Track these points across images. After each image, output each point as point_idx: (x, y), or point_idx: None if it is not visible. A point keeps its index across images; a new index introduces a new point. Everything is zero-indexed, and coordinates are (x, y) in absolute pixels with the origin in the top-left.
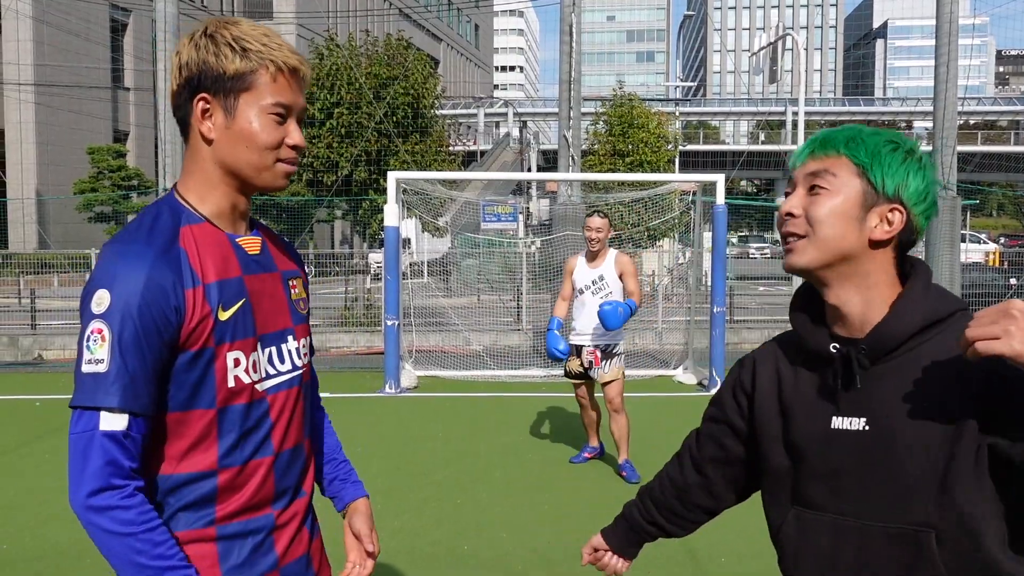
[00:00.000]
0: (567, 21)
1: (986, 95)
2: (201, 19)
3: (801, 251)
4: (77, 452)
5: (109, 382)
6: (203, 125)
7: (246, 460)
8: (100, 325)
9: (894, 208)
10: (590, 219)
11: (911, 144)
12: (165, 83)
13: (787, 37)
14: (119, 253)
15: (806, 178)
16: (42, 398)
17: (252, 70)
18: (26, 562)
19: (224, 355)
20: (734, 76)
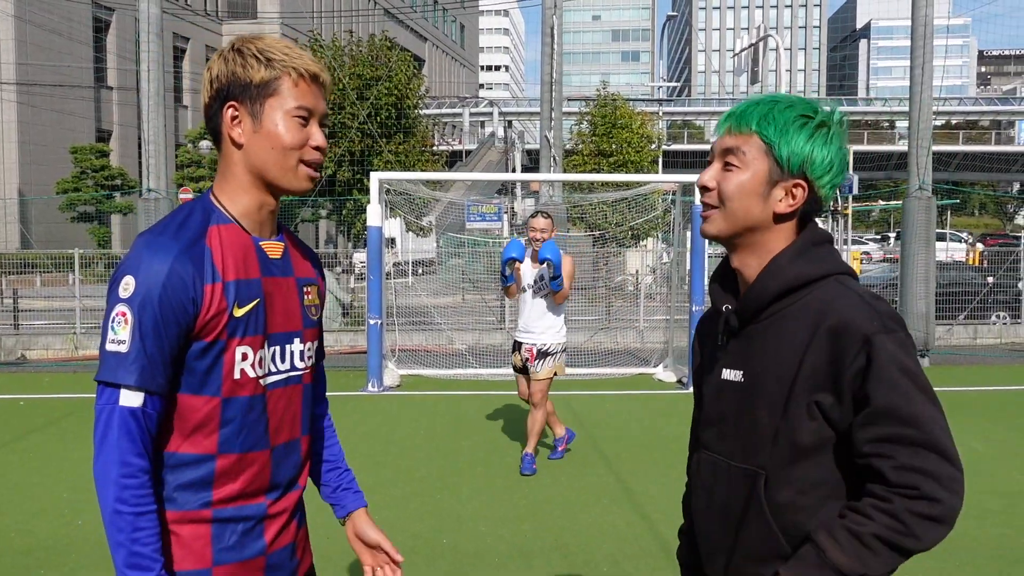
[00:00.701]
0: (548, 23)
1: (967, 95)
2: (184, 18)
3: (713, 221)
4: (100, 423)
5: (129, 361)
6: (233, 131)
7: (244, 450)
8: (124, 308)
9: (797, 183)
10: (534, 219)
11: (824, 116)
12: (148, 83)
13: (768, 38)
14: (148, 244)
15: (721, 153)
16: (25, 397)
17: (276, 77)
18: (13, 556)
19: (234, 348)
20: (718, 76)
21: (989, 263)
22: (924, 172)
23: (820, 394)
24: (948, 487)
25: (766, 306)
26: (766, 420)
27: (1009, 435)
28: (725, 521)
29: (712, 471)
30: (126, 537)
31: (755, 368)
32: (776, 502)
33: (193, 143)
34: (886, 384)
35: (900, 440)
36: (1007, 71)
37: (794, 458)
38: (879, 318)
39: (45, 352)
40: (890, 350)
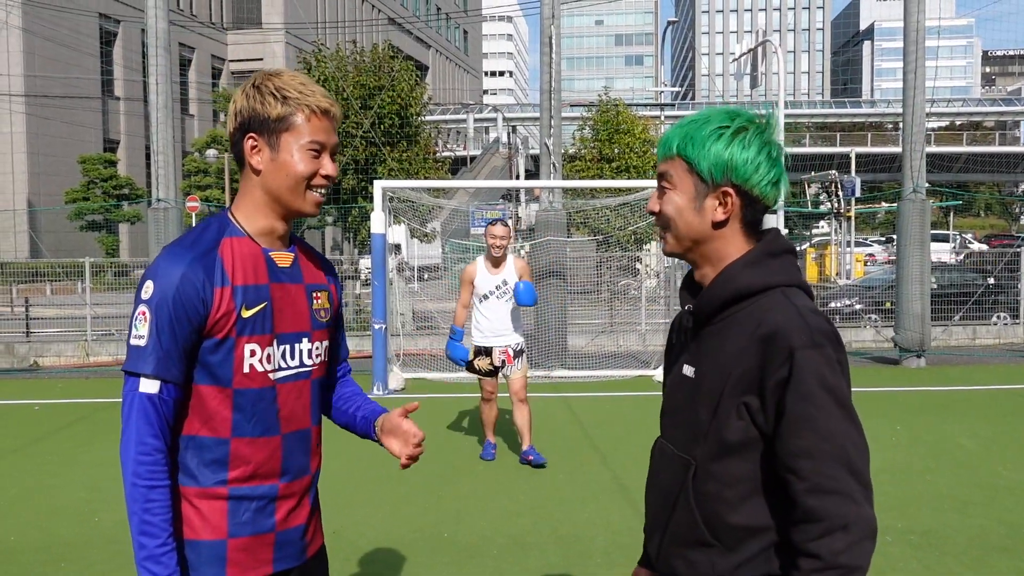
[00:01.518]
0: (547, 33)
1: (971, 96)
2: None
3: (666, 241)
4: (124, 407)
5: (147, 354)
6: (252, 159)
7: (256, 435)
8: (144, 308)
9: (725, 191)
10: (493, 227)
11: (745, 120)
12: (157, 96)
13: (769, 42)
14: (167, 254)
15: (657, 179)
16: (40, 403)
17: (291, 113)
18: (33, 552)
19: (243, 345)
20: (721, 79)
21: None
22: (918, 175)
23: (748, 396)
24: (855, 499)
25: (716, 311)
26: (703, 415)
27: (996, 431)
28: (664, 503)
29: (661, 456)
30: (139, 507)
31: (703, 366)
32: (701, 492)
33: (199, 152)
34: (804, 397)
35: (811, 454)
36: (1012, 71)
37: (721, 453)
38: (809, 332)
39: (57, 359)
40: (813, 365)
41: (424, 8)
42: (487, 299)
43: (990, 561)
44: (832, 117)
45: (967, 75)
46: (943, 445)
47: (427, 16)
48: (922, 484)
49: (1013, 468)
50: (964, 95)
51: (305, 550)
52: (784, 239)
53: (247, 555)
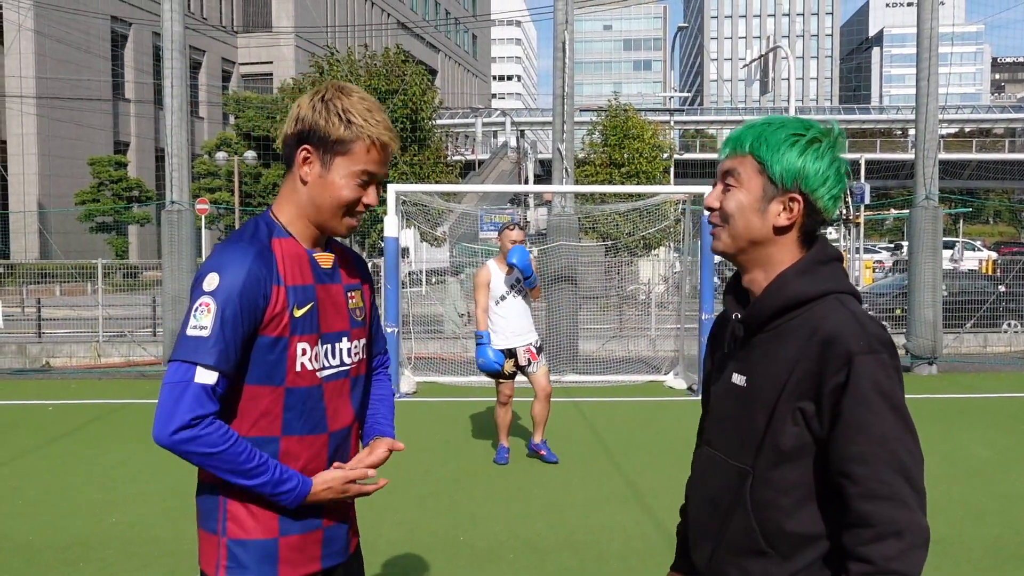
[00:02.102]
0: (560, 38)
1: (981, 103)
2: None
3: (720, 237)
4: (171, 396)
5: (210, 345)
6: (302, 169)
7: (304, 433)
8: (208, 300)
9: (793, 197)
10: (511, 231)
11: (817, 132)
12: (172, 99)
13: (778, 48)
14: (232, 248)
15: (722, 175)
16: (53, 403)
17: (352, 139)
18: (52, 551)
19: (296, 344)
20: (730, 85)
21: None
22: (930, 182)
23: (804, 402)
24: (908, 505)
25: (769, 320)
26: (759, 423)
27: (1010, 440)
28: (714, 512)
29: (709, 464)
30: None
31: (756, 375)
32: (758, 500)
33: (209, 154)
34: (860, 402)
35: (866, 459)
36: (1021, 78)
37: (777, 460)
38: (867, 338)
39: (69, 360)
40: (870, 370)
41: (434, 12)
42: (504, 300)
43: (1006, 569)
44: (841, 123)
45: (977, 82)
46: (957, 453)
47: (436, 20)
48: (936, 492)
49: None
50: (974, 102)
51: (348, 546)
52: (832, 246)
53: (298, 553)
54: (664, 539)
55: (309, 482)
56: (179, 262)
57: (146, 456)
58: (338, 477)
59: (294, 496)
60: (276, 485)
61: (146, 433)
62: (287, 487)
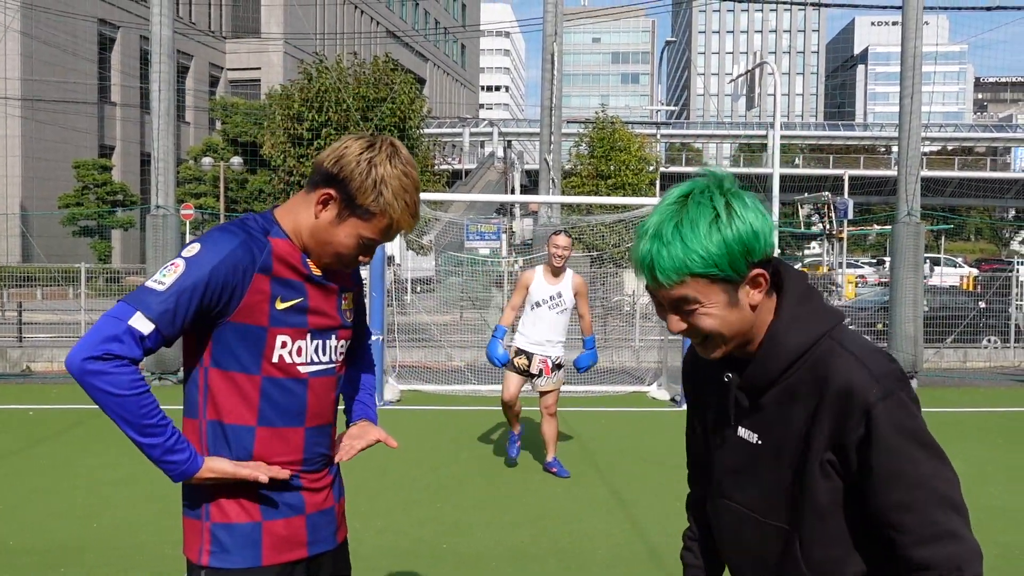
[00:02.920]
0: (548, 50)
1: (963, 122)
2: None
3: (715, 351)
4: (99, 327)
5: (160, 299)
6: (317, 206)
7: (281, 425)
8: (179, 262)
9: (755, 275)
10: (556, 237)
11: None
12: (159, 103)
13: (764, 64)
14: (222, 228)
15: (670, 304)
16: (34, 408)
17: (375, 212)
18: (34, 555)
19: (275, 336)
20: (717, 99)
21: (982, 288)
22: (912, 199)
23: (828, 453)
24: (961, 536)
25: (773, 382)
26: (786, 482)
27: (990, 454)
28: (760, 569)
29: (738, 521)
30: (134, 416)
31: (771, 434)
32: (814, 559)
33: (195, 160)
34: (889, 452)
35: (910, 507)
36: (1003, 98)
37: (819, 516)
38: (877, 382)
39: (50, 364)
40: (890, 416)
41: (423, 22)
42: (539, 307)
43: None
44: (825, 139)
45: (959, 101)
46: None
47: (425, 29)
48: None
49: (1005, 491)
50: (956, 120)
51: (336, 534)
52: (794, 271)
53: (282, 538)
54: (648, 548)
55: (200, 462)
56: None
57: (129, 461)
58: (227, 471)
59: (180, 471)
60: (166, 452)
61: None
62: (176, 458)
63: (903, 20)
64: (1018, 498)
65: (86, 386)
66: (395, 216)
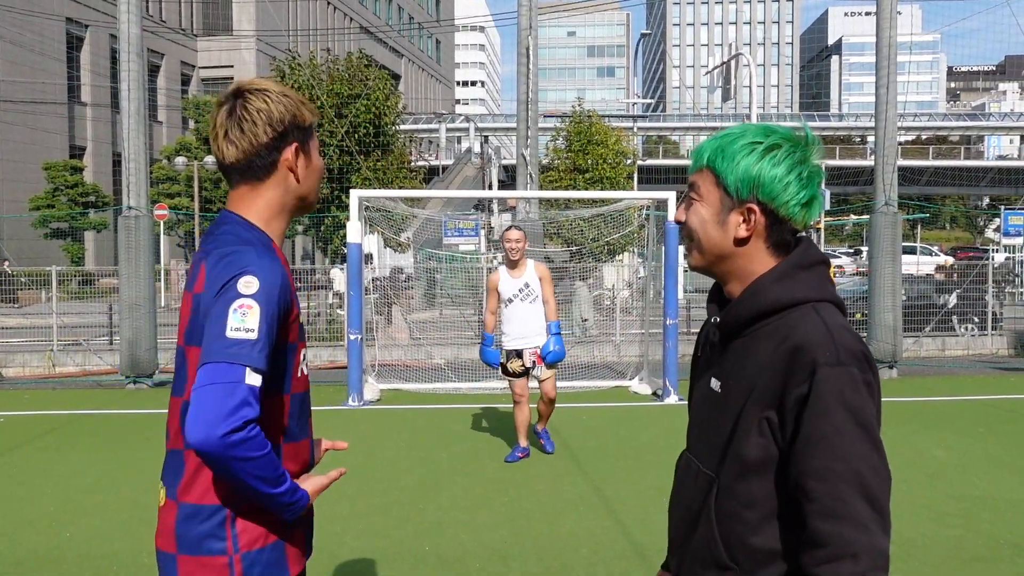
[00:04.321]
0: (524, 44)
1: (937, 111)
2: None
3: (691, 254)
4: (220, 397)
5: (259, 348)
6: (297, 167)
7: (300, 439)
8: (250, 302)
9: (750, 208)
10: (508, 232)
11: (780, 138)
12: (129, 102)
13: (741, 55)
14: (251, 250)
15: (687, 190)
16: (5, 414)
17: (314, 119)
18: (6, 566)
19: (300, 350)
20: (693, 92)
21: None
22: (890, 188)
23: (769, 411)
24: (867, 527)
25: (743, 326)
26: (725, 430)
27: (970, 443)
28: (686, 520)
29: (686, 470)
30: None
31: (729, 381)
32: (723, 511)
33: (168, 159)
34: (822, 415)
35: (825, 475)
36: (976, 87)
37: (742, 471)
38: (835, 350)
39: (22, 369)
40: (834, 383)
41: (397, 17)
42: (512, 303)
43: (968, 572)
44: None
45: (933, 90)
46: (917, 457)
47: (400, 25)
48: (898, 495)
49: (987, 479)
50: (930, 109)
51: (311, 537)
52: (816, 250)
53: (298, 547)
54: (631, 546)
55: (304, 488)
56: (136, 269)
57: (103, 468)
58: (322, 484)
59: (302, 505)
60: (293, 492)
61: (104, 444)
62: (300, 495)
63: (878, 10)
64: (1001, 487)
65: (229, 459)
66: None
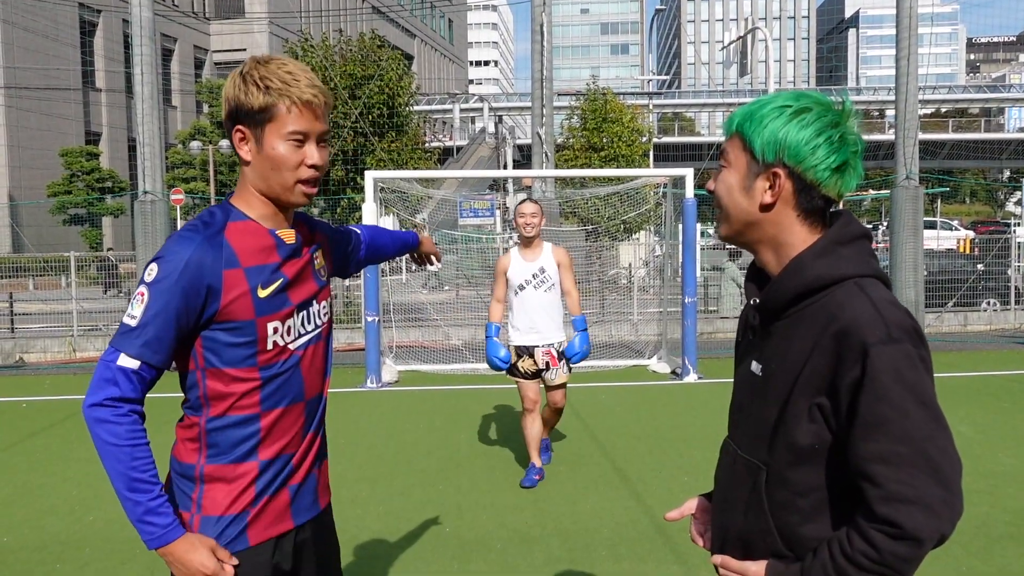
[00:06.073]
0: (538, 21)
1: (957, 83)
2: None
3: (720, 223)
4: (96, 372)
5: (134, 336)
6: (241, 150)
7: (284, 406)
8: (143, 289)
9: (775, 172)
10: (522, 206)
11: (812, 102)
12: (142, 87)
13: (757, 30)
14: (176, 237)
15: (720, 157)
16: (27, 400)
17: (273, 104)
18: (28, 551)
19: (265, 325)
20: (708, 68)
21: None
22: (911, 162)
23: (820, 398)
24: (937, 512)
25: (785, 306)
26: (771, 417)
27: (996, 419)
28: (731, 508)
29: (726, 456)
30: (125, 467)
31: (771, 365)
32: (776, 500)
33: (183, 144)
34: (879, 397)
35: (889, 459)
36: (996, 58)
37: (795, 459)
38: (885, 327)
39: (43, 355)
40: (888, 361)
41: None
42: (523, 290)
43: (996, 550)
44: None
45: (952, 62)
46: None
47: (412, 5)
48: None
49: (1013, 455)
50: (950, 82)
51: (318, 501)
52: (857, 224)
53: (266, 517)
54: (653, 526)
55: (175, 537)
56: (153, 253)
57: None
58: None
59: (153, 538)
60: (146, 513)
61: None
62: (155, 522)
63: None
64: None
65: (93, 433)
66: (292, 94)
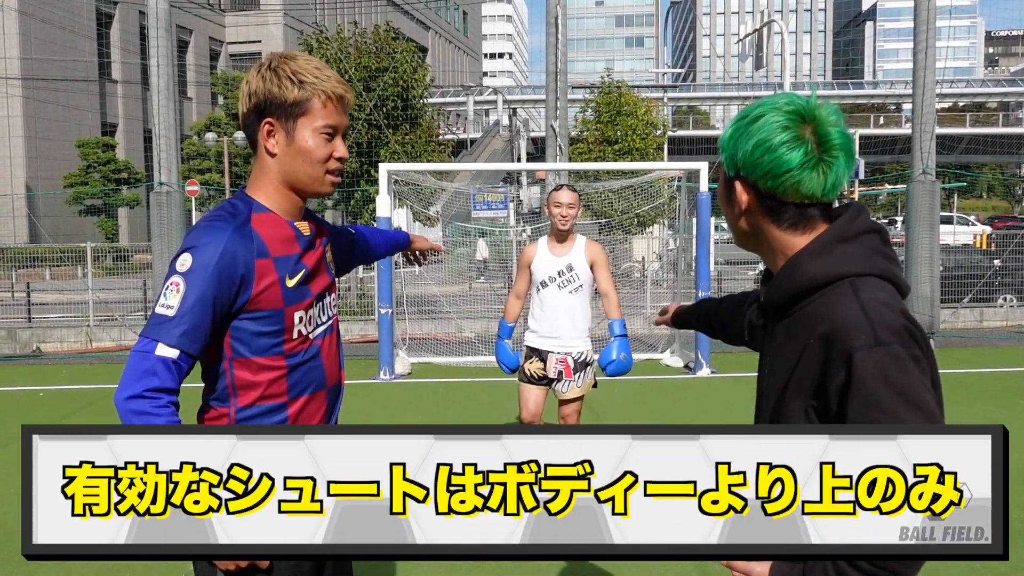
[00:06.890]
0: (552, 13)
1: (975, 77)
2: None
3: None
4: (131, 364)
5: (172, 325)
6: (268, 143)
7: (309, 394)
8: (178, 279)
9: (735, 183)
10: (558, 193)
11: (766, 108)
12: (158, 78)
13: (773, 22)
14: (206, 227)
15: None
16: (44, 389)
17: (307, 98)
18: None
19: (292, 314)
20: (723, 61)
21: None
22: (928, 156)
23: (812, 401)
24: None
25: (784, 307)
26: (773, 415)
27: (1009, 415)
28: None
29: None
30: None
31: (774, 363)
32: None
33: (198, 135)
34: (868, 402)
35: None
36: (1015, 52)
37: None
38: (872, 330)
39: (60, 345)
40: (873, 366)
41: None
42: (545, 287)
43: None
44: (835, 99)
45: (970, 56)
46: None
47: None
48: None
49: None
50: (968, 76)
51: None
52: (863, 218)
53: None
54: None
55: None
56: (169, 244)
57: None
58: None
59: None
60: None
61: None
62: None
63: None
64: None
65: (126, 423)
66: (327, 88)
